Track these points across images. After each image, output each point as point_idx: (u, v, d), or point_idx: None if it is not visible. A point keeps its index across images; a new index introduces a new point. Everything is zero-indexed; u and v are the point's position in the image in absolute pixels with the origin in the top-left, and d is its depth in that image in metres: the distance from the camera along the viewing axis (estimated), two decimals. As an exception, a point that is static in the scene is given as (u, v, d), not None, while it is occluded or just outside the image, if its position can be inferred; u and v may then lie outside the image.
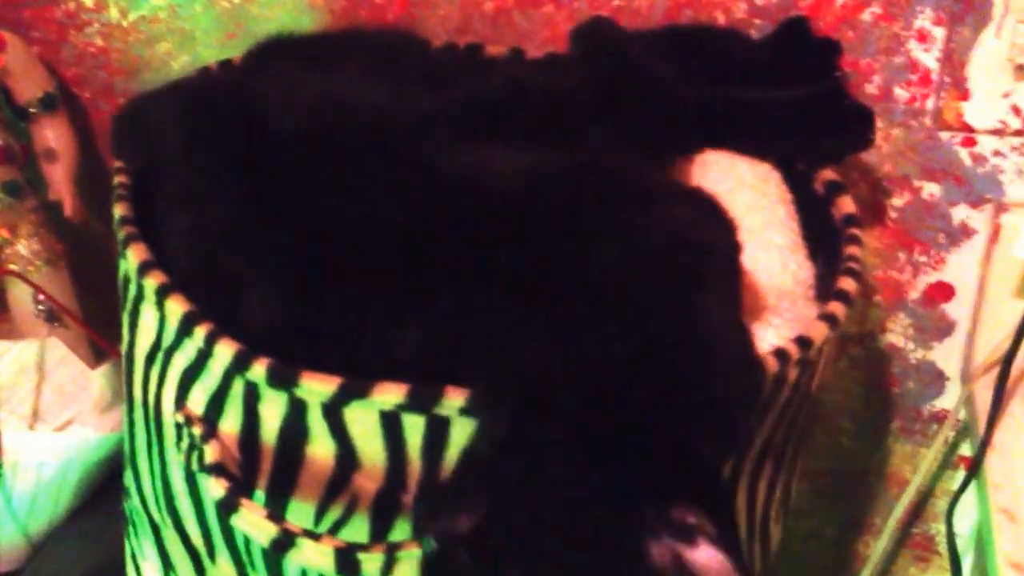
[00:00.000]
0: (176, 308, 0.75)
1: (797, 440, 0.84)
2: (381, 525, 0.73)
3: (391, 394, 0.69)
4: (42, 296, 1.05)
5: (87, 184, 1.10)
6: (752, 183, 0.89)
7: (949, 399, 1.16)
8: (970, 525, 1.13)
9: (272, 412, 0.72)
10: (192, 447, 0.74)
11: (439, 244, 0.71)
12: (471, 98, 0.83)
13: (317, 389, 0.70)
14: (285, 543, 0.71)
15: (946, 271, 1.10)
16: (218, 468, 0.72)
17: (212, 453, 0.73)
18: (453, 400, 0.69)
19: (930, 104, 1.05)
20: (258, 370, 0.71)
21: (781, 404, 0.78)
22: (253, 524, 0.71)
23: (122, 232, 0.81)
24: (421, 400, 0.69)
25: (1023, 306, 1.04)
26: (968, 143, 1.05)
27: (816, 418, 0.87)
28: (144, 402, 0.81)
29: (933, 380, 1.15)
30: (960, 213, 1.08)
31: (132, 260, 0.78)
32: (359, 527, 0.73)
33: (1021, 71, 1.02)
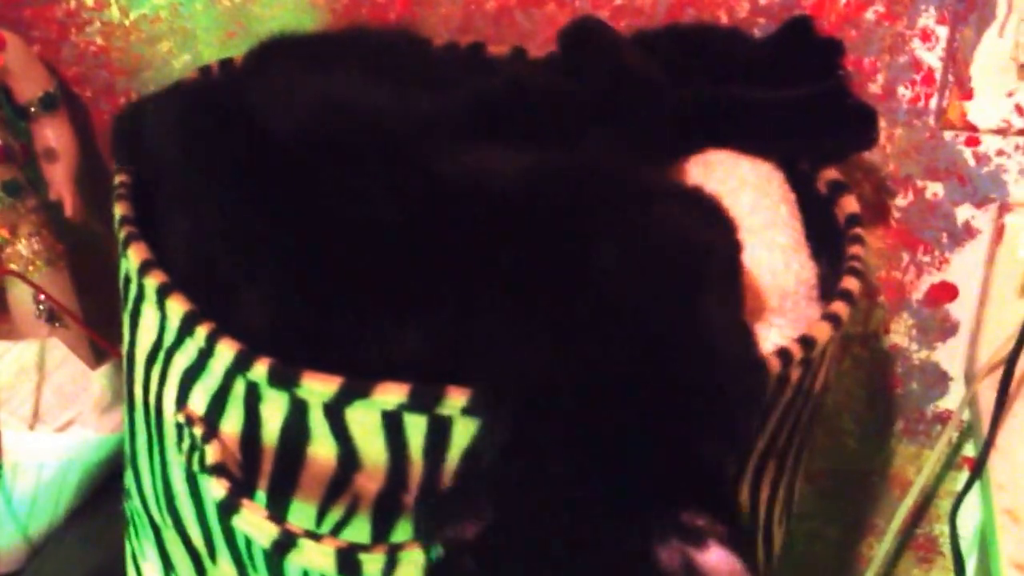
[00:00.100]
0: (177, 308, 0.75)
1: (800, 441, 0.84)
2: (382, 526, 0.73)
3: (393, 394, 0.69)
4: (42, 296, 1.05)
5: (88, 184, 1.10)
6: (754, 183, 0.89)
7: (952, 400, 1.16)
8: (974, 526, 1.13)
9: (273, 412, 0.72)
10: (193, 447, 0.74)
11: (439, 245, 0.71)
12: (472, 99, 0.83)
13: (318, 389, 0.70)
14: (286, 544, 0.71)
15: (949, 271, 1.10)
16: (219, 469, 0.72)
17: (213, 453, 0.73)
18: (455, 400, 0.69)
19: (933, 104, 1.04)
20: (259, 370, 0.71)
21: (784, 405, 0.78)
22: (254, 525, 0.72)
23: (123, 231, 0.81)
24: (423, 400, 0.69)
25: (1027, 306, 1.04)
26: (972, 143, 1.05)
27: (819, 419, 0.87)
28: (145, 402, 0.81)
29: (936, 381, 1.15)
30: (964, 213, 1.08)
31: (133, 259, 0.78)
32: (360, 528, 0.73)
33: (1025, 70, 1.02)
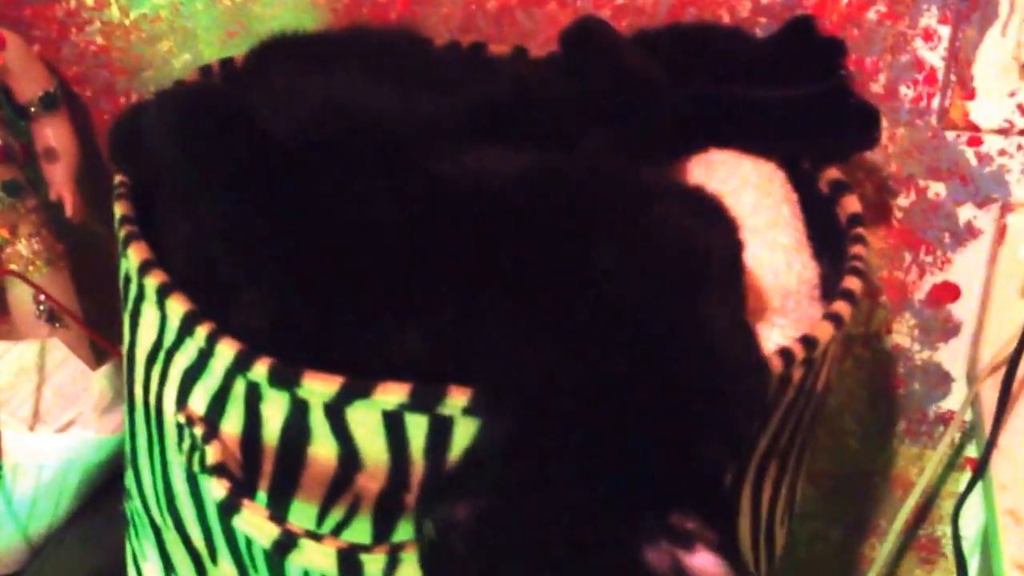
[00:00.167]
0: (177, 307, 0.75)
1: (802, 442, 0.84)
2: (384, 526, 0.72)
3: (394, 394, 0.69)
4: (42, 296, 1.05)
5: (88, 183, 1.09)
6: (756, 182, 0.89)
7: (955, 400, 1.15)
8: (976, 527, 1.13)
9: (274, 412, 0.72)
10: (193, 448, 0.74)
11: (439, 245, 0.71)
12: (473, 100, 0.83)
13: (319, 389, 0.70)
14: (287, 544, 0.71)
15: (952, 271, 1.10)
16: (219, 469, 0.72)
17: (213, 454, 0.73)
18: (456, 400, 0.68)
19: (936, 103, 1.04)
20: (260, 370, 0.71)
21: (786, 405, 0.78)
22: (255, 525, 0.71)
23: (123, 231, 0.80)
24: (424, 400, 0.69)
25: (1029, 307, 1.04)
26: (974, 142, 1.05)
27: (821, 419, 0.87)
28: (145, 403, 0.81)
29: (939, 381, 1.15)
30: (966, 213, 1.08)
31: (133, 259, 0.78)
32: (362, 528, 0.73)
33: (1027, 70, 1.02)
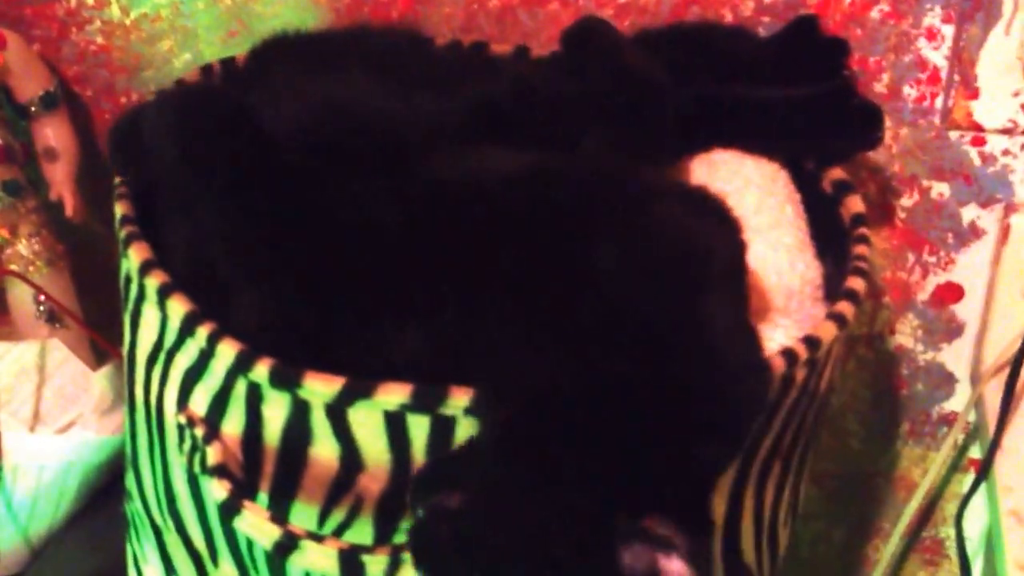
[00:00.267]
0: (178, 308, 0.74)
1: (805, 442, 0.84)
2: (385, 527, 0.72)
3: (395, 394, 0.69)
4: (43, 297, 1.04)
5: (88, 183, 1.09)
6: (759, 182, 0.89)
7: (958, 401, 1.15)
8: (980, 528, 1.12)
9: (275, 413, 0.72)
10: (194, 449, 0.74)
11: (439, 246, 0.71)
12: (475, 100, 0.83)
13: (320, 390, 0.69)
14: (288, 546, 0.71)
15: (955, 272, 1.10)
16: (220, 470, 0.72)
17: (214, 455, 0.73)
18: (458, 400, 0.68)
19: (939, 103, 1.04)
20: (261, 370, 0.70)
21: (789, 405, 0.77)
22: (256, 526, 0.71)
23: (123, 231, 0.80)
24: (426, 400, 0.68)
25: (1033, 307, 1.04)
26: (978, 142, 1.05)
27: (824, 420, 0.87)
28: (146, 403, 0.81)
29: (942, 382, 1.15)
30: (969, 213, 1.08)
31: (134, 259, 0.78)
32: (363, 529, 0.73)
33: (1031, 69, 1.02)
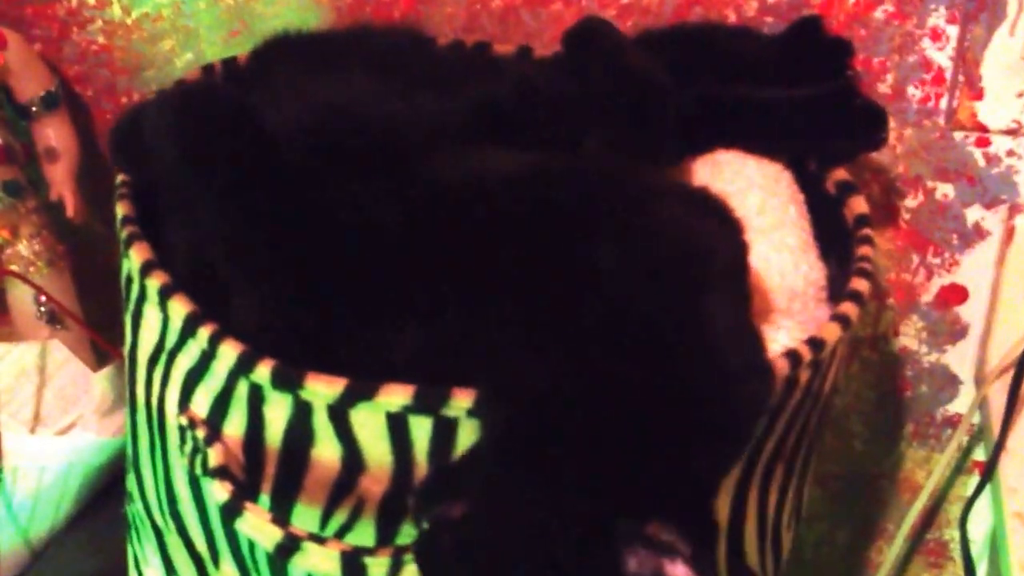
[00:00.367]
0: (179, 308, 0.74)
1: (809, 444, 0.83)
2: (387, 529, 0.72)
3: (398, 395, 0.68)
4: (43, 297, 1.04)
5: (89, 184, 1.09)
6: (763, 183, 0.89)
7: (963, 403, 1.15)
8: (984, 531, 1.12)
9: (277, 414, 0.72)
10: (196, 450, 0.74)
11: (440, 247, 0.71)
12: (477, 101, 0.82)
13: (322, 391, 0.69)
14: (290, 547, 0.71)
15: (960, 273, 1.10)
16: (222, 471, 0.72)
17: (216, 456, 0.72)
18: (461, 402, 0.68)
19: (943, 104, 1.04)
20: (263, 372, 0.70)
21: (792, 407, 0.77)
22: (257, 528, 0.71)
23: (124, 231, 0.80)
24: (428, 401, 0.68)
25: (1037, 308, 1.04)
26: (982, 143, 1.05)
27: (828, 422, 0.87)
28: (147, 405, 0.80)
29: (946, 384, 1.15)
30: (974, 214, 1.07)
31: (135, 260, 0.78)
32: (365, 531, 0.73)
33: (1036, 70, 1.02)
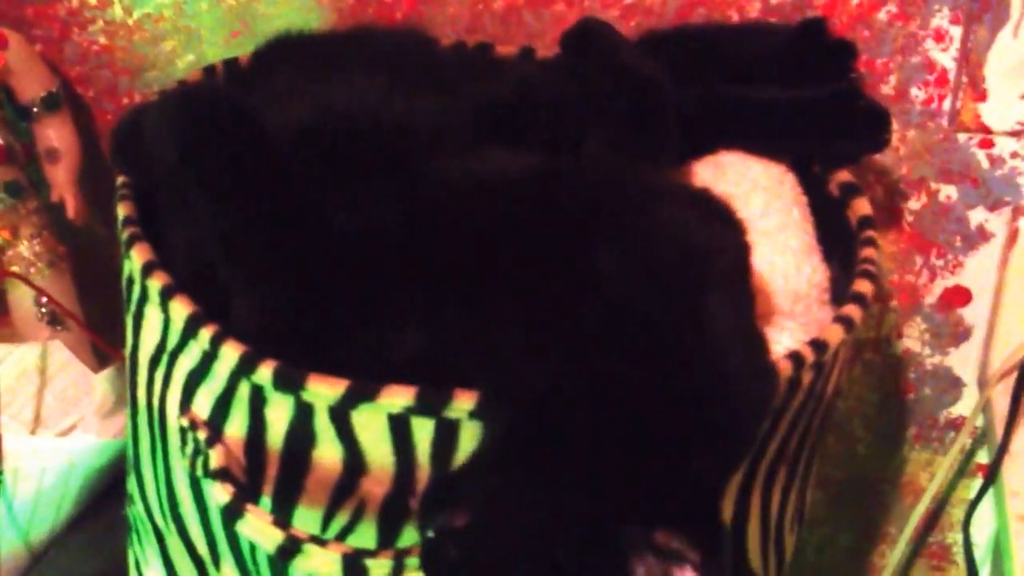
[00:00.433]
0: (181, 309, 0.74)
1: (812, 446, 0.83)
2: (389, 531, 0.72)
3: (400, 397, 0.68)
4: (44, 299, 1.04)
5: (90, 185, 1.09)
6: (766, 185, 0.89)
7: (966, 405, 1.15)
8: (987, 534, 1.12)
9: (278, 416, 0.72)
10: (197, 452, 0.74)
11: (440, 248, 0.71)
12: (479, 103, 0.82)
13: (324, 392, 0.69)
14: (291, 550, 0.71)
15: (963, 275, 1.10)
16: (223, 473, 0.72)
17: (217, 458, 0.72)
18: (463, 403, 0.68)
19: (947, 105, 1.04)
20: (264, 373, 0.70)
21: (795, 409, 0.77)
22: (259, 530, 0.71)
23: (126, 232, 0.80)
24: (430, 403, 0.68)
25: (1041, 311, 1.04)
26: (985, 145, 1.05)
27: (831, 424, 0.87)
28: (148, 406, 0.80)
29: (949, 386, 1.15)
30: (977, 216, 1.07)
31: (136, 260, 0.78)
32: (367, 533, 0.72)
33: (1039, 71, 1.01)
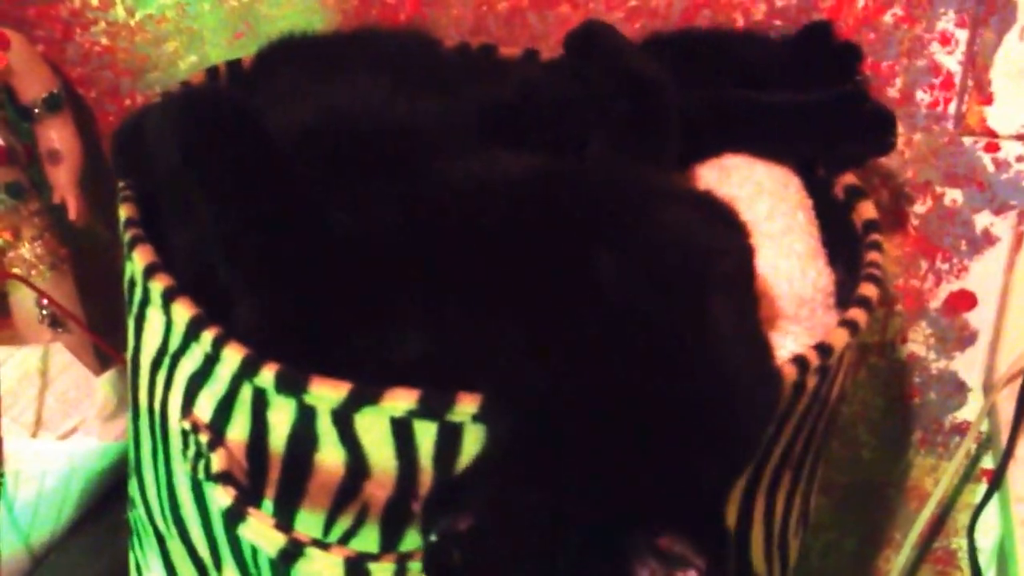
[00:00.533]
0: (183, 311, 0.74)
1: (816, 451, 0.83)
2: (392, 534, 0.72)
3: (403, 400, 0.68)
4: (45, 301, 1.04)
5: (92, 186, 1.09)
6: (771, 188, 0.88)
7: (971, 410, 1.15)
8: (993, 539, 1.12)
9: (280, 419, 0.71)
10: (198, 455, 0.74)
11: (442, 251, 0.71)
12: (482, 104, 0.82)
13: (327, 395, 0.69)
14: (293, 553, 0.71)
15: (968, 279, 1.10)
16: (225, 476, 0.72)
17: (219, 461, 0.72)
18: (466, 406, 0.68)
19: (952, 108, 1.04)
20: (267, 376, 0.70)
21: (800, 413, 0.77)
22: (261, 534, 0.71)
23: (128, 234, 0.80)
24: (433, 406, 0.68)
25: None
26: (991, 148, 1.05)
27: (835, 429, 0.87)
28: (150, 409, 0.80)
29: (954, 391, 1.15)
30: (983, 220, 1.07)
31: (138, 262, 0.78)
32: (369, 536, 0.72)
33: (1046, 75, 1.01)
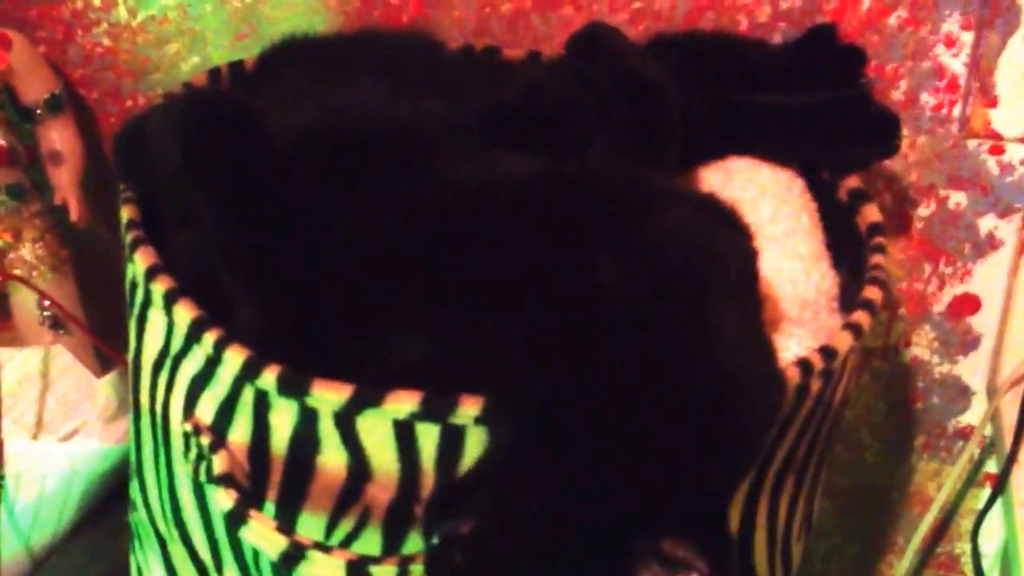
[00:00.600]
0: (185, 313, 0.74)
1: (819, 455, 0.83)
2: (394, 537, 0.72)
3: (405, 403, 0.68)
4: (47, 302, 1.04)
5: (93, 188, 1.09)
6: (775, 191, 0.88)
7: (974, 415, 1.15)
8: (996, 544, 1.12)
9: (282, 421, 0.71)
10: (200, 457, 0.73)
11: (444, 254, 0.70)
12: (485, 106, 0.82)
13: (329, 398, 0.69)
14: (295, 556, 0.70)
15: (972, 283, 1.10)
16: (226, 479, 0.72)
17: (220, 463, 0.72)
18: (468, 409, 0.68)
19: (957, 111, 1.04)
20: (268, 378, 0.70)
21: (803, 417, 0.77)
22: (262, 536, 0.71)
23: (130, 235, 0.80)
24: (435, 409, 0.68)
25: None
26: (996, 151, 1.05)
27: (839, 433, 0.86)
28: (151, 411, 0.80)
29: (958, 395, 1.15)
30: (987, 223, 1.07)
31: (140, 264, 0.78)
32: (371, 539, 0.72)
33: (1051, 78, 1.01)
